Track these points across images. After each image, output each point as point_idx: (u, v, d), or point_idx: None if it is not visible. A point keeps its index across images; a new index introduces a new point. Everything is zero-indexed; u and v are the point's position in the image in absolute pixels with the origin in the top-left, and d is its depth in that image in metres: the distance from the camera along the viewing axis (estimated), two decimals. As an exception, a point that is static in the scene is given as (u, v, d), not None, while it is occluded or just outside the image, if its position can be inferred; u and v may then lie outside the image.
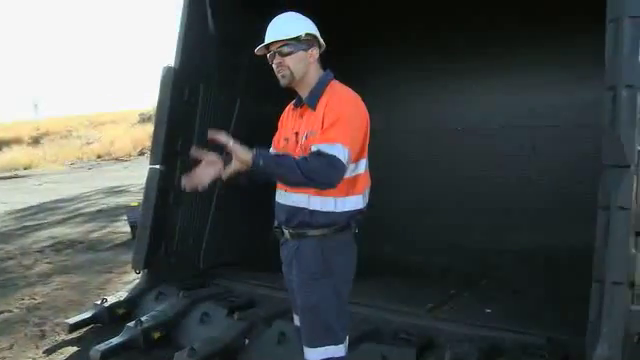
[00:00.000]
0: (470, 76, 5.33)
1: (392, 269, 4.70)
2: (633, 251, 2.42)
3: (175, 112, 4.46)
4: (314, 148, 2.10)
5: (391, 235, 5.13)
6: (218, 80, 4.86)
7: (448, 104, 5.60)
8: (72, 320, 4.12)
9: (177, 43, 4.60)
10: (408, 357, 2.97)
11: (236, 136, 2.11)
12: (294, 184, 2.17)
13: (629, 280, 2.37)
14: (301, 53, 2.26)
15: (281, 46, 2.24)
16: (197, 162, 2.16)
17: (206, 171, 2.14)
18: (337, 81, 2.32)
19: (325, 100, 2.21)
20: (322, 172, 2.05)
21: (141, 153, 22.91)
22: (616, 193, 2.43)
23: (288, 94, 2.45)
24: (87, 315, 4.16)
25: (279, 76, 2.29)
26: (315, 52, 2.31)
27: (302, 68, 2.26)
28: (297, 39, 2.24)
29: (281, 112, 2.57)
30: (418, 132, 5.67)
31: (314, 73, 2.30)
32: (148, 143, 23.68)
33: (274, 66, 2.29)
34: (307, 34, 2.27)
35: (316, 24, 2.36)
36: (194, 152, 2.18)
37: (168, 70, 4.47)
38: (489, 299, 3.90)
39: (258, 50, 2.33)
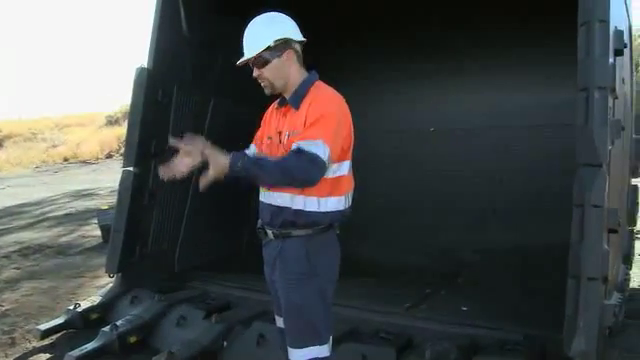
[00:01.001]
0: (442, 77, 5.42)
1: (368, 269, 4.73)
2: (606, 247, 2.49)
3: (149, 113, 4.41)
4: (294, 146, 2.10)
5: (366, 235, 5.17)
6: (192, 81, 4.83)
7: (421, 105, 5.67)
8: (44, 326, 4.00)
9: (150, 44, 4.55)
10: (388, 356, 2.99)
11: (210, 137, 2.11)
12: (274, 184, 2.16)
13: (603, 275, 2.44)
14: (276, 61, 2.26)
15: (255, 60, 2.26)
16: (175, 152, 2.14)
17: (184, 161, 2.12)
18: (322, 82, 2.32)
19: (309, 100, 2.22)
20: (301, 169, 2.05)
21: (109, 156, 22.52)
22: (590, 191, 2.49)
23: (262, 94, 2.44)
24: (59, 321, 4.06)
25: (262, 86, 2.31)
26: (291, 53, 2.29)
27: (281, 75, 2.28)
28: (268, 49, 2.24)
29: (255, 112, 2.57)
30: (392, 132, 5.73)
31: (296, 74, 2.31)
32: (116, 146, 23.37)
33: (255, 77, 2.31)
34: (275, 40, 2.25)
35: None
36: (172, 142, 2.16)
37: (141, 71, 4.42)
38: (465, 297, 3.96)
39: (239, 63, 2.34)
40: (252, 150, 2.48)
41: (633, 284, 4.56)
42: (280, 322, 2.45)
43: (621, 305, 3.44)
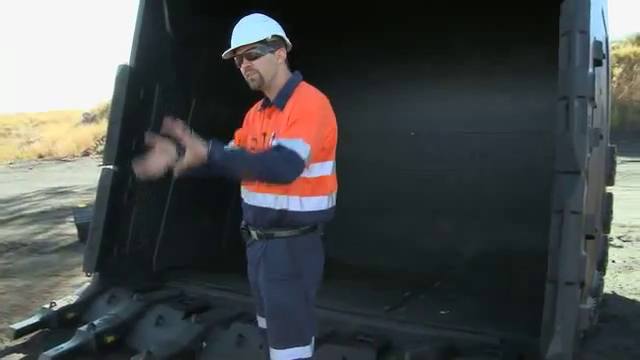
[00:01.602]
0: (423, 83, 5.46)
1: (346, 271, 4.74)
2: (584, 253, 2.55)
3: (130, 111, 4.38)
4: (275, 142, 2.11)
5: (344, 237, 5.16)
6: (174, 80, 4.81)
7: (401, 109, 5.71)
8: (17, 325, 3.94)
9: (133, 42, 4.52)
10: (368, 358, 3.01)
11: (192, 136, 2.07)
12: (250, 178, 2.15)
13: (580, 280, 2.49)
14: (269, 55, 2.26)
15: (248, 50, 2.23)
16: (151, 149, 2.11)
17: (159, 159, 2.05)
18: (306, 83, 2.34)
19: (293, 101, 2.23)
20: (279, 165, 2.04)
21: (85, 153, 22.27)
22: (569, 198, 2.54)
23: (244, 94, 2.43)
24: (34, 320, 3.99)
25: (248, 79, 2.28)
26: (283, 53, 2.32)
27: (271, 70, 2.27)
28: (264, 42, 2.24)
29: (237, 112, 2.55)
30: (372, 136, 5.75)
31: (282, 74, 2.31)
32: (93, 143, 23.12)
33: (242, 70, 2.29)
34: (273, 36, 2.27)
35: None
36: (148, 139, 2.10)
37: (124, 69, 4.39)
38: (444, 300, 4.01)
39: (225, 55, 2.31)
40: (231, 146, 2.48)
41: (606, 289, 4.66)
42: (262, 322, 2.45)
43: (595, 309, 3.51)
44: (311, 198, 2.25)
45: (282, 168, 2.05)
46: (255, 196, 2.28)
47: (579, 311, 2.54)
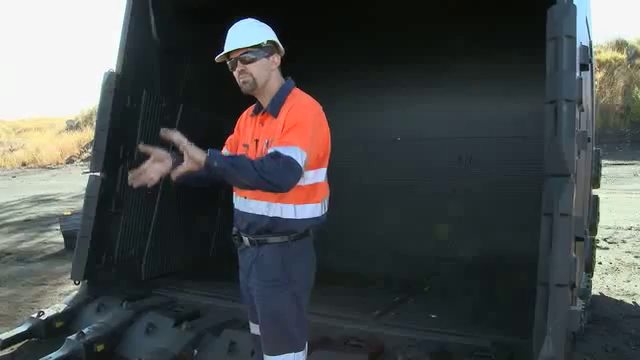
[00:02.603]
0: (409, 88, 5.48)
1: (335, 277, 4.72)
2: (574, 255, 2.57)
3: (117, 119, 4.36)
4: (271, 150, 2.10)
5: (332, 243, 5.16)
6: (160, 86, 4.79)
7: (387, 114, 5.74)
8: (4, 335, 3.86)
9: (119, 49, 4.50)
10: (360, 363, 3.01)
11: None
12: (248, 186, 2.12)
13: (571, 282, 2.51)
14: (263, 60, 2.25)
15: (243, 53, 2.23)
16: (145, 158, 2.11)
17: (155, 167, 2.08)
18: (299, 89, 2.34)
19: (287, 107, 2.22)
20: (277, 173, 2.03)
21: (70, 161, 22.06)
22: (558, 200, 2.57)
23: (231, 100, 2.42)
24: (21, 329, 3.92)
25: (240, 83, 2.27)
26: (277, 59, 2.32)
27: (264, 75, 2.26)
28: (259, 46, 2.24)
29: (223, 118, 2.54)
30: (358, 141, 5.75)
31: (275, 80, 2.31)
32: (77, 151, 22.92)
33: (235, 73, 2.28)
34: (268, 41, 2.27)
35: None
36: (143, 148, 2.12)
37: (110, 76, 4.37)
38: (433, 305, 4.02)
39: (219, 57, 2.31)
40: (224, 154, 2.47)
41: (594, 291, 4.71)
42: (255, 329, 2.44)
43: (584, 311, 3.55)
44: (305, 206, 2.25)
45: (280, 176, 2.04)
46: (248, 203, 2.27)
47: (570, 313, 2.56)
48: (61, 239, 7.18)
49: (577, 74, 2.74)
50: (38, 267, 6.32)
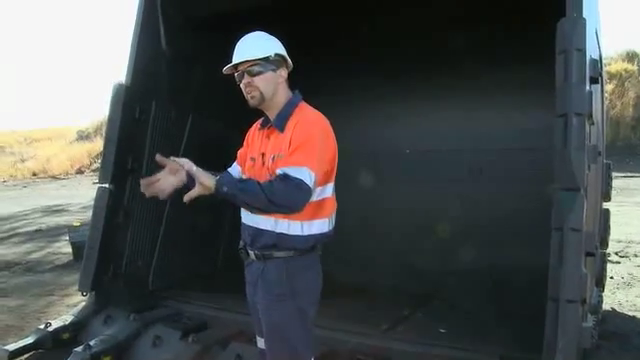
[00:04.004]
0: (418, 100, 5.46)
1: (342, 291, 4.69)
2: (584, 271, 2.53)
3: (125, 130, 4.36)
4: (280, 171, 2.08)
5: (340, 256, 5.14)
6: (169, 97, 4.80)
7: (396, 127, 5.71)
8: (11, 347, 3.85)
9: (129, 60, 4.52)
10: (368, 378, 2.98)
11: (187, 153, 2.09)
12: (259, 209, 2.12)
13: (581, 298, 2.47)
14: (270, 73, 2.25)
15: (250, 66, 2.22)
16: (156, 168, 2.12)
17: (169, 180, 2.11)
18: (306, 103, 2.33)
19: (294, 122, 2.20)
20: (287, 196, 2.04)
21: (80, 171, 22.19)
22: (569, 215, 2.53)
23: (240, 111, 2.41)
24: (28, 341, 3.91)
25: (248, 97, 2.27)
26: (284, 73, 2.31)
27: (271, 89, 2.25)
28: (266, 59, 2.23)
29: (232, 129, 2.53)
30: (366, 154, 5.73)
31: (282, 94, 2.30)
32: (87, 161, 23.06)
33: (242, 86, 2.27)
34: (276, 54, 2.27)
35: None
36: (159, 158, 2.14)
37: (119, 87, 4.39)
38: (442, 319, 3.98)
39: (226, 69, 2.30)
40: (237, 170, 2.46)
41: (605, 306, 4.65)
42: (261, 343, 2.42)
43: (595, 327, 3.49)
44: (313, 222, 2.24)
45: (290, 199, 2.05)
46: (254, 218, 2.25)
47: (581, 329, 2.52)
48: (69, 250, 7.20)
49: (587, 87, 2.72)
50: (46, 278, 6.33)
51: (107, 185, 4.32)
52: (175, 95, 4.87)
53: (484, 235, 5.06)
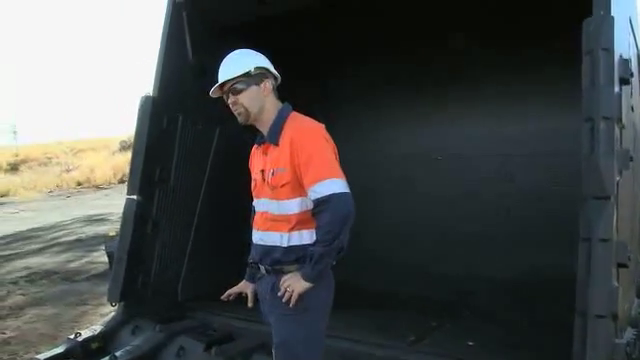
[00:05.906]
0: (447, 105, 5.37)
1: (369, 300, 4.63)
2: (615, 284, 2.39)
3: (153, 142, 4.40)
4: (314, 198, 2.07)
5: (366, 264, 5.05)
6: (197, 109, 4.81)
7: (425, 133, 5.62)
8: (43, 356, 3.91)
9: (156, 72, 4.56)
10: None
11: (216, 165, 2.08)
12: (342, 243, 2.11)
13: (612, 313, 2.33)
14: (254, 88, 2.25)
15: (233, 84, 2.24)
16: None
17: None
18: (297, 113, 2.30)
19: (289, 135, 2.18)
20: (340, 215, 2.05)
21: (122, 181, 22.65)
22: (597, 225, 2.40)
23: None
24: (59, 350, 3.97)
25: (236, 114, 2.29)
26: (269, 84, 2.29)
27: (257, 104, 2.26)
28: (247, 75, 2.23)
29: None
30: (394, 161, 5.65)
31: (271, 107, 2.29)
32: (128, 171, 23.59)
33: (230, 105, 2.27)
34: (257, 68, 2.26)
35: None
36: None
37: (146, 99, 4.43)
38: (471, 330, 3.84)
39: (212, 92, 2.33)
40: None
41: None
42: (277, 356, 2.38)
43: (636, 341, 3.30)
44: (312, 230, 2.20)
45: (346, 213, 2.07)
46: (261, 235, 2.25)
47: (613, 345, 2.38)
48: (106, 259, 7.32)
49: (616, 89, 2.57)
50: (82, 287, 6.47)
51: (135, 196, 4.36)
52: (202, 106, 4.87)
53: (515, 241, 4.89)
